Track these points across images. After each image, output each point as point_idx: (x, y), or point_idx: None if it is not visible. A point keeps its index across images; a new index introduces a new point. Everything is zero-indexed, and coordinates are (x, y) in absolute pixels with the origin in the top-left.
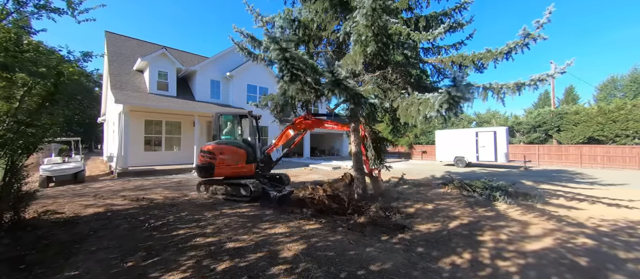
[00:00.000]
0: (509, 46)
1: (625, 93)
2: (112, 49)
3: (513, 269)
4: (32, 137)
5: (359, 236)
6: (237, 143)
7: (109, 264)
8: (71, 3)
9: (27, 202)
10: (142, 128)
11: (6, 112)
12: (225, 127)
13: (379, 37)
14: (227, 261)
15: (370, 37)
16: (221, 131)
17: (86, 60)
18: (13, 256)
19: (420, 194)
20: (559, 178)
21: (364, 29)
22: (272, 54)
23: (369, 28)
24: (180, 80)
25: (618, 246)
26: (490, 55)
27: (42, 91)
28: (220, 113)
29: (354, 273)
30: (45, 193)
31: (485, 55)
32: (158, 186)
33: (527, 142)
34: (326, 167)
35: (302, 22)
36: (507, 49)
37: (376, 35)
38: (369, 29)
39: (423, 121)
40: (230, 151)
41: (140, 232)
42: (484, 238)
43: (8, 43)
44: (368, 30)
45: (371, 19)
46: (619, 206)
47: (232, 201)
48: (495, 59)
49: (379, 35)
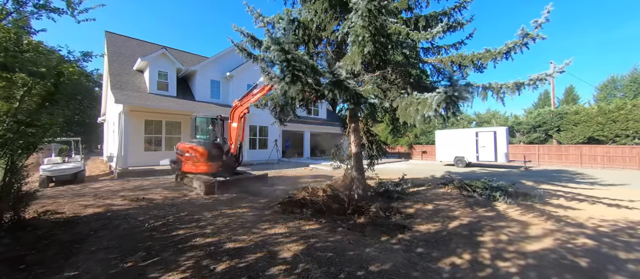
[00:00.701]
0: (508, 46)
1: (625, 93)
2: (112, 49)
3: (513, 270)
4: (32, 137)
5: (358, 237)
6: (203, 143)
7: (109, 264)
8: (71, 3)
9: (27, 202)
10: (142, 128)
11: (6, 112)
12: (200, 129)
13: (377, 38)
14: (226, 261)
15: (368, 38)
16: (197, 132)
17: (86, 60)
18: (13, 256)
19: (420, 195)
20: (559, 178)
21: (361, 30)
22: (274, 55)
23: (365, 28)
24: (180, 80)
25: (618, 246)
26: (489, 55)
27: (42, 91)
28: (195, 116)
29: (353, 273)
30: (45, 193)
31: (484, 55)
32: (158, 186)
33: (527, 142)
34: (326, 167)
35: (302, 23)
36: (506, 49)
37: (373, 36)
38: (365, 30)
39: (422, 121)
40: (194, 150)
41: (140, 232)
42: (484, 239)
43: (8, 43)
44: (365, 31)
45: (367, 20)
46: (619, 206)
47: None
48: (494, 59)
49: (376, 36)
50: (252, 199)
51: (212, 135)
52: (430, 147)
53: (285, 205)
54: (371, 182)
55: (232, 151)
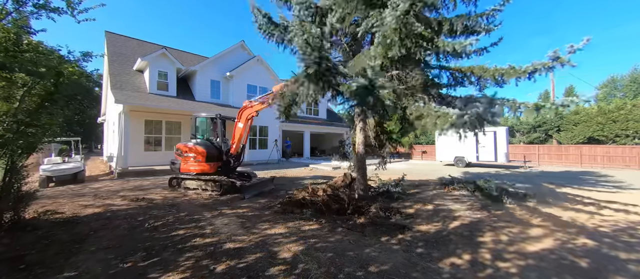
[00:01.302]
0: (534, 66)
1: (625, 93)
2: (112, 49)
3: (513, 270)
4: (32, 137)
5: (358, 237)
6: (201, 143)
7: (109, 264)
8: (70, 3)
9: (27, 202)
10: (142, 128)
11: (6, 112)
12: (200, 129)
13: (404, 43)
14: (226, 261)
15: (396, 41)
16: (197, 132)
17: (86, 60)
18: (13, 256)
19: (421, 195)
20: (559, 177)
21: (391, 32)
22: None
23: (396, 31)
24: (180, 80)
25: (619, 246)
26: (513, 73)
27: (42, 91)
28: (195, 116)
29: (353, 274)
30: (45, 193)
31: (507, 72)
32: (158, 186)
33: (527, 142)
34: (326, 167)
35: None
36: (531, 68)
37: (402, 40)
38: (396, 32)
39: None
40: (192, 150)
41: (139, 232)
42: (484, 239)
43: (8, 43)
44: (395, 34)
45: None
46: (621, 208)
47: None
48: (517, 78)
49: (405, 40)
50: (252, 199)
51: (212, 135)
52: (431, 147)
53: (285, 205)
54: (371, 182)
55: (232, 151)
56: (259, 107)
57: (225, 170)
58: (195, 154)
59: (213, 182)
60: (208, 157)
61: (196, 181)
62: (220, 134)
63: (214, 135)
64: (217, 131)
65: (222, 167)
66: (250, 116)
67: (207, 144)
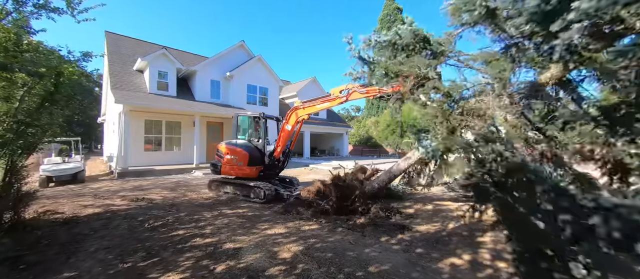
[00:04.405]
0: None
1: None
2: (112, 49)
3: (513, 270)
4: (32, 137)
5: (358, 237)
6: (244, 145)
7: (109, 265)
8: (70, 3)
9: (27, 202)
10: (142, 128)
11: (6, 112)
12: (242, 128)
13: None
14: (226, 261)
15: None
16: (238, 132)
17: (86, 60)
18: (13, 256)
19: (421, 195)
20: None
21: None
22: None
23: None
24: (180, 80)
25: None
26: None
27: (42, 91)
28: (238, 114)
29: (353, 274)
30: (45, 193)
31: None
32: (157, 186)
33: None
34: (326, 167)
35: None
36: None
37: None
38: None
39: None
40: (234, 152)
41: (139, 232)
42: (485, 239)
43: (8, 43)
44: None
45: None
46: None
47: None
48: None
49: None
50: (252, 199)
51: (254, 135)
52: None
53: (285, 205)
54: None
55: (275, 155)
56: (310, 109)
57: (268, 174)
58: (237, 157)
59: (257, 189)
60: (250, 161)
61: (235, 187)
62: (263, 135)
63: (256, 136)
64: (260, 132)
65: (265, 171)
66: (301, 119)
67: (250, 146)
